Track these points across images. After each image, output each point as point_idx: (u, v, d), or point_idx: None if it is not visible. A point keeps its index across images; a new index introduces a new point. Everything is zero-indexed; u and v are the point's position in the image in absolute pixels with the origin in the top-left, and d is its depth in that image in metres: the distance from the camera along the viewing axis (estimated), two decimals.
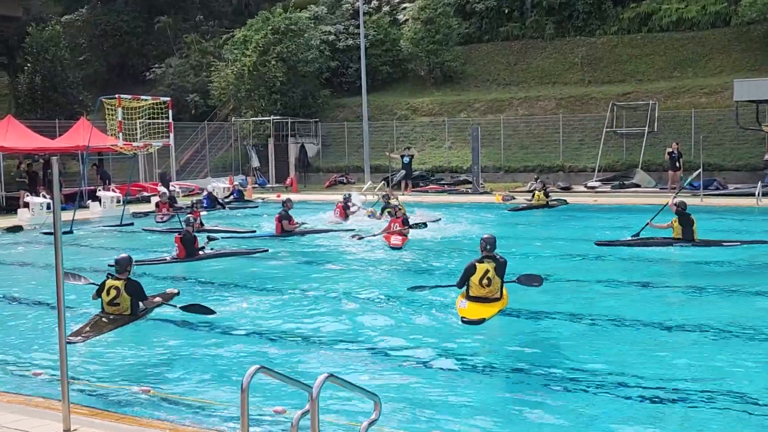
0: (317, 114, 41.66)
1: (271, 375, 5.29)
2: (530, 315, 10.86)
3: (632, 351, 9.04)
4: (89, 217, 25.78)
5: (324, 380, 5.07)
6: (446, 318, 10.69)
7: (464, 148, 36.40)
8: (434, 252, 16.99)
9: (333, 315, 11.16)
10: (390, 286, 13.12)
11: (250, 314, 11.33)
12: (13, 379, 8.50)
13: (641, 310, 10.97)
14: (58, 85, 41.52)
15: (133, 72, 51.60)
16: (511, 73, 42.18)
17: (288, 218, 19.73)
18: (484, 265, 10.24)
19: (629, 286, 12.83)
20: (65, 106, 41.23)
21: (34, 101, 41.41)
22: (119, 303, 10.14)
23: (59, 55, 41.83)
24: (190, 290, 13.16)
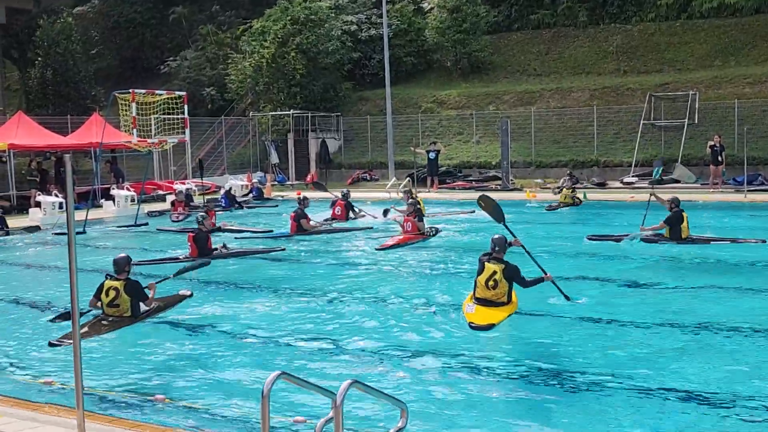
0: (339, 108, 41.71)
1: (293, 381, 5.29)
2: (555, 317, 10.77)
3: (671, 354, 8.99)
4: (103, 216, 26.00)
5: (348, 386, 5.06)
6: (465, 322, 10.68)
7: (493, 143, 36.27)
8: (459, 251, 16.96)
9: (353, 318, 11.18)
10: (413, 289, 13.11)
11: (267, 317, 11.36)
12: (24, 386, 8.57)
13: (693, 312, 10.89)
14: (69, 79, 41.90)
15: (147, 65, 51.96)
16: (543, 63, 41.97)
17: (304, 217, 19.79)
18: (491, 265, 10.28)
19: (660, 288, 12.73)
20: (77, 102, 41.59)
21: (45, 96, 41.82)
22: (119, 304, 10.22)
23: (71, 48, 42.22)
24: (202, 290, 13.25)
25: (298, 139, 40.26)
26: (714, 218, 21.60)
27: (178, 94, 29.12)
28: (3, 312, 12.48)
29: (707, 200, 25.31)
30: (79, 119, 35.19)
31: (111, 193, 28.41)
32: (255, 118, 41.66)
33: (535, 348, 9.52)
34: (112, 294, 10.17)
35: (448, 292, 12.62)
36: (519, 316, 10.57)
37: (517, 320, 10.50)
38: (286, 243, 18.53)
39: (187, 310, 11.82)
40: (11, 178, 29.46)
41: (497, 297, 10.22)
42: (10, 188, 29.32)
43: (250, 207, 28.28)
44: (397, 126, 38.48)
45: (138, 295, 10.42)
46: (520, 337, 10.04)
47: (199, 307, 12.12)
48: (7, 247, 20.17)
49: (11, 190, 29.23)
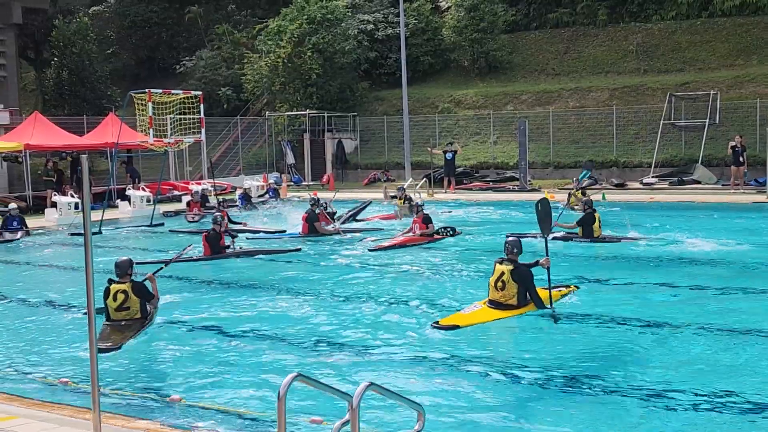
0: (355, 108, 41.74)
1: (309, 383, 5.31)
2: (580, 320, 10.75)
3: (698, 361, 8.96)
4: (118, 216, 26.14)
5: (365, 389, 5.08)
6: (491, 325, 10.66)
7: (511, 143, 36.20)
8: (476, 252, 16.94)
9: (368, 320, 11.20)
10: (427, 290, 13.12)
11: (281, 318, 11.42)
12: (41, 387, 8.64)
13: None
14: (85, 79, 42.21)
15: (162, 65, 52.21)
16: (561, 62, 41.85)
17: (316, 219, 19.85)
18: (501, 266, 10.33)
19: None
20: (93, 102, 41.90)
21: (62, 96, 42.15)
22: (129, 306, 10.22)
23: (87, 48, 42.53)
24: (215, 291, 13.32)
25: (313, 140, 40.32)
26: (731, 219, 21.47)
27: (195, 93, 29.33)
28: (19, 312, 12.59)
29: (724, 201, 25.17)
30: (95, 119, 35.41)
31: (126, 193, 28.56)
32: (271, 118, 41.76)
33: (552, 352, 9.50)
34: (120, 297, 10.16)
35: (465, 294, 12.62)
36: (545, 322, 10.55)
37: (535, 323, 10.49)
38: (289, 244, 18.66)
39: (200, 311, 11.89)
40: (27, 178, 29.69)
41: (506, 299, 10.24)
42: (27, 188, 29.54)
43: (265, 208, 28.33)
44: (414, 126, 38.47)
45: (146, 294, 10.47)
46: (559, 342, 10.03)
47: (213, 307, 12.20)
48: (25, 248, 20.32)
49: (27, 190, 29.44)
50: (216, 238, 16.77)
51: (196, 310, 12.01)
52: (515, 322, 10.47)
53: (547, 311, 10.49)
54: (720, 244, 16.66)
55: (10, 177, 34.14)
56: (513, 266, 10.26)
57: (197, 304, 12.50)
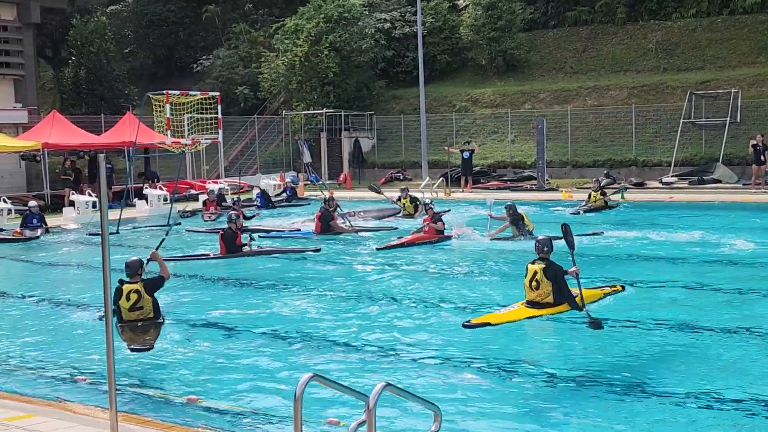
0: (372, 107, 41.76)
1: (325, 383, 5.31)
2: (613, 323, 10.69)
3: None
4: (136, 216, 26.26)
5: (382, 389, 5.07)
6: (509, 325, 10.62)
7: (528, 142, 36.10)
8: (491, 252, 16.92)
9: (385, 319, 11.19)
10: (443, 290, 13.10)
11: (297, 317, 11.43)
12: (58, 385, 8.69)
13: None
14: (103, 78, 42.45)
15: (180, 64, 52.43)
16: (579, 60, 41.69)
17: (331, 218, 19.86)
18: (533, 266, 10.41)
19: None
20: (111, 101, 42.12)
21: (79, 95, 42.41)
22: (142, 306, 10.25)
23: (104, 47, 42.77)
24: (230, 289, 13.35)
25: (330, 139, 40.37)
26: (752, 219, 21.34)
27: (212, 94, 29.39)
28: (37, 311, 12.68)
29: (745, 201, 25.00)
30: (113, 118, 35.59)
31: (144, 192, 28.69)
32: (288, 117, 41.84)
33: (580, 354, 9.47)
34: (134, 297, 10.19)
35: (482, 294, 12.61)
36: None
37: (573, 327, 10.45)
38: (310, 243, 18.75)
39: (216, 310, 11.94)
40: (45, 177, 29.89)
41: (542, 297, 10.30)
42: (45, 187, 29.74)
43: (282, 206, 28.42)
44: (431, 125, 38.43)
45: (157, 285, 10.50)
46: (579, 344, 9.99)
47: (229, 306, 12.25)
48: (44, 246, 20.45)
49: (45, 189, 29.65)
50: (232, 236, 16.82)
51: (211, 309, 12.05)
52: (546, 324, 10.42)
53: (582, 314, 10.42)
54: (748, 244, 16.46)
55: (29, 176, 34.41)
56: (545, 264, 10.34)
57: (212, 303, 12.54)
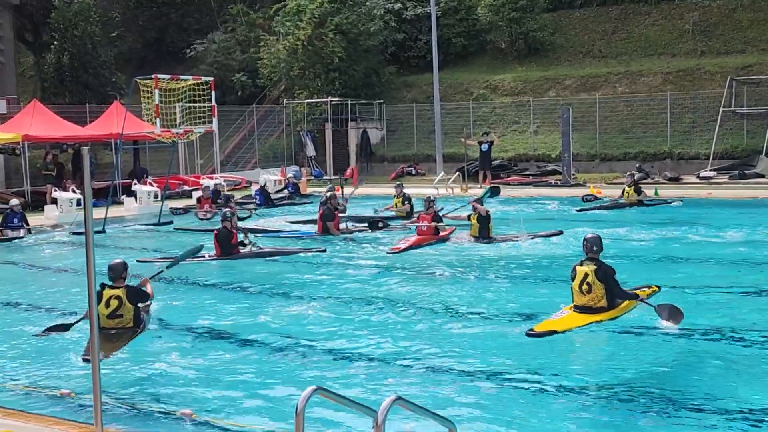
0: (381, 95, 41.76)
1: (330, 397, 5.32)
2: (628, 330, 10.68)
3: None
4: (124, 214, 26.32)
5: (391, 403, 5.07)
6: None
7: (553, 133, 36.04)
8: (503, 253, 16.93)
9: (392, 327, 11.22)
10: (456, 296, 13.13)
11: (298, 325, 11.48)
12: (41, 399, 8.71)
13: None
14: (88, 64, 42.52)
15: (171, 49, 52.46)
16: (609, 43, 41.58)
17: (331, 217, 19.87)
18: (583, 268, 10.34)
19: None
20: (96, 89, 42.21)
21: (62, 83, 42.49)
22: (122, 314, 10.26)
23: (89, 30, 42.82)
24: (224, 294, 13.38)
25: (336, 130, 40.39)
26: None
27: (206, 79, 29.43)
28: (17, 318, 12.71)
29: None
30: (99, 108, 35.68)
31: (132, 188, 28.72)
32: (289, 107, 41.87)
33: (611, 364, 9.46)
34: (114, 304, 10.19)
35: (496, 298, 12.63)
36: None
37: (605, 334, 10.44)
38: (313, 244, 18.81)
39: (210, 317, 11.98)
40: (25, 172, 29.93)
41: (595, 302, 10.26)
42: (25, 183, 29.75)
43: (282, 204, 28.44)
44: (446, 115, 38.40)
45: (141, 299, 10.54)
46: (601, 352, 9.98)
47: (224, 312, 12.30)
48: (25, 247, 20.51)
49: (26, 185, 29.66)
50: (227, 236, 16.86)
51: (205, 315, 12.09)
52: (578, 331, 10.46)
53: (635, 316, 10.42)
54: None
55: (7, 171, 34.51)
56: (596, 265, 10.30)
57: (207, 309, 12.58)
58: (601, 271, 10.24)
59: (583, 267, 10.33)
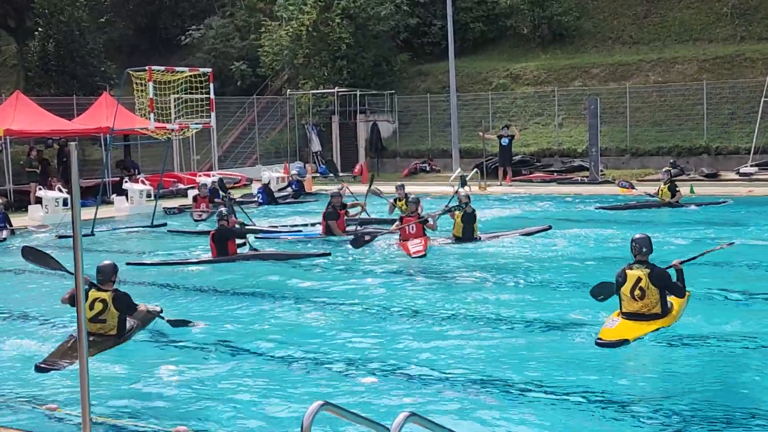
0: (393, 85, 41.76)
1: (338, 413, 5.32)
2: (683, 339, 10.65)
3: None
4: (114, 215, 26.40)
5: (405, 420, 5.08)
6: (557, 340, 10.62)
7: (579, 126, 35.97)
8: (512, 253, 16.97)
9: (403, 336, 11.22)
10: (467, 301, 13.14)
11: (301, 334, 11.50)
12: (26, 414, 8.73)
13: None
14: (75, 52, 42.61)
15: (165, 36, 52.59)
16: (640, 28, 41.49)
17: (336, 217, 19.90)
18: (635, 272, 10.35)
19: None
20: (84, 79, 42.32)
21: (47, 73, 42.59)
22: (106, 320, 10.35)
23: (76, 16, 42.94)
24: (221, 300, 13.52)
25: (344, 123, 40.40)
26: None
27: (203, 71, 29.41)
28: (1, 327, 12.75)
29: None
30: (87, 100, 35.79)
31: (124, 187, 28.79)
32: (293, 98, 41.91)
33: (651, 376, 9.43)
34: (98, 307, 10.26)
35: (508, 302, 12.69)
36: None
37: None
38: (317, 246, 18.93)
39: (206, 325, 12.00)
40: (8, 170, 30.00)
41: (648, 308, 10.31)
42: (7, 182, 29.81)
43: (287, 203, 28.49)
44: (463, 106, 38.38)
45: (128, 309, 10.60)
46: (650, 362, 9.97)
47: (221, 320, 12.34)
48: (8, 250, 20.54)
49: (8, 183, 29.73)
50: (225, 237, 16.97)
51: (201, 323, 12.11)
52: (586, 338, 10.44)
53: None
54: None
55: None
56: (649, 269, 10.33)
57: (202, 315, 12.59)
58: (655, 275, 10.26)
59: (635, 271, 10.34)
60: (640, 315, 10.28)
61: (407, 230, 18.33)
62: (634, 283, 10.28)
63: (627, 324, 10.27)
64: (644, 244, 10.46)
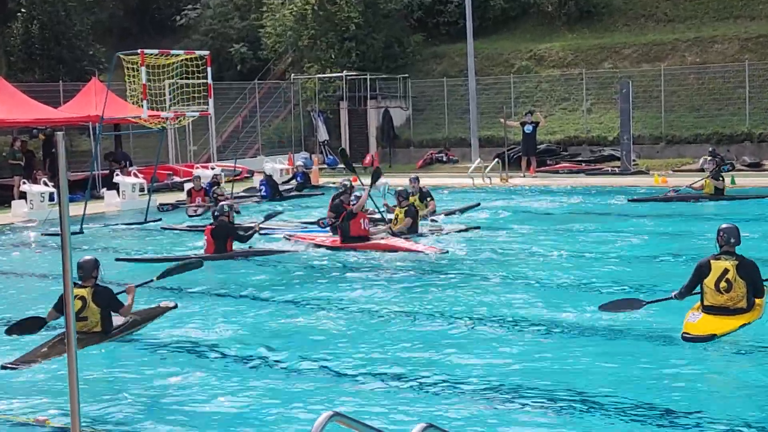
0: (406, 68, 41.73)
1: (348, 424, 5.32)
2: None
3: None
4: (104, 210, 26.45)
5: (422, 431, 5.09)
6: (583, 349, 10.62)
7: (609, 112, 35.92)
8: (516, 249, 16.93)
9: (415, 340, 11.26)
10: (484, 303, 13.15)
11: (306, 338, 11.55)
12: (12, 428, 8.78)
13: None
14: (61, 35, 42.68)
15: (159, 16, 52.70)
16: (676, 4, 41.36)
17: (342, 211, 19.91)
18: (722, 263, 10.39)
19: None
20: (71, 64, 42.39)
21: (31, 57, 42.67)
22: (86, 317, 10.58)
23: None
24: (219, 301, 13.58)
25: (353, 109, 40.40)
26: None
27: (200, 54, 29.47)
28: None
29: None
30: (74, 86, 35.83)
31: (114, 180, 28.83)
32: (297, 83, 41.94)
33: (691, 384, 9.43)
34: (77, 305, 10.40)
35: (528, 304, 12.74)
36: None
37: None
38: None
39: (204, 328, 12.05)
40: None
41: (733, 302, 10.35)
42: None
43: (290, 197, 28.50)
44: (483, 91, 38.34)
45: (110, 304, 10.75)
46: None
47: (220, 323, 12.37)
48: None
49: None
50: (224, 233, 17.04)
51: (198, 326, 12.17)
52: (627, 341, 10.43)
53: None
54: None
55: None
56: (737, 260, 10.37)
57: (199, 318, 12.65)
58: (744, 267, 10.31)
59: (721, 262, 10.39)
60: (723, 309, 10.33)
61: (362, 225, 18.22)
62: (720, 275, 10.33)
63: (709, 319, 10.33)
64: (732, 234, 10.52)
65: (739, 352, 10.20)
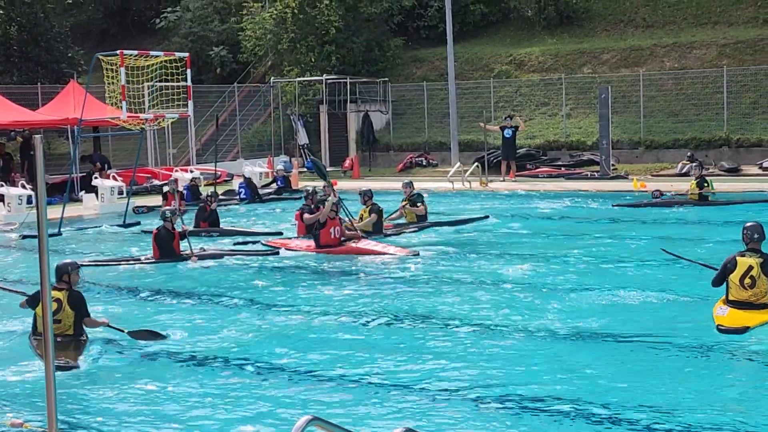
0: (386, 72, 41.77)
1: (327, 429, 5.31)
2: None
3: None
4: (83, 213, 26.34)
5: None
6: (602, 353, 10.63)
7: (589, 116, 36.03)
8: None
9: (396, 345, 11.22)
10: (461, 306, 13.12)
11: (284, 343, 11.49)
12: None
13: None
14: (39, 37, 42.52)
15: (138, 18, 52.60)
16: (654, 10, 41.57)
17: None
18: (746, 259, 10.69)
19: None
20: (50, 66, 42.22)
21: (9, 59, 42.50)
22: (60, 319, 10.69)
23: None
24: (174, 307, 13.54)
25: (333, 113, 40.40)
26: None
27: (180, 55, 29.38)
28: None
29: None
30: (53, 88, 35.72)
31: (93, 183, 28.73)
32: (277, 86, 41.91)
33: None
34: (53, 306, 10.39)
35: (523, 307, 12.72)
36: None
37: None
38: None
39: (176, 333, 12.03)
40: None
41: (757, 297, 10.63)
42: None
43: (269, 200, 28.46)
44: (463, 95, 38.40)
45: (82, 309, 10.89)
46: None
47: (186, 329, 12.32)
48: None
49: None
50: (169, 237, 17.18)
51: (173, 331, 12.14)
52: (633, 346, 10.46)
53: None
54: None
55: None
56: (761, 257, 10.64)
57: (164, 324, 12.56)
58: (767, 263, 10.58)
59: (746, 258, 10.69)
60: (748, 304, 10.63)
61: (332, 234, 18.23)
62: (744, 271, 10.63)
63: (737, 312, 10.62)
64: (757, 231, 10.83)
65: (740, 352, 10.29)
